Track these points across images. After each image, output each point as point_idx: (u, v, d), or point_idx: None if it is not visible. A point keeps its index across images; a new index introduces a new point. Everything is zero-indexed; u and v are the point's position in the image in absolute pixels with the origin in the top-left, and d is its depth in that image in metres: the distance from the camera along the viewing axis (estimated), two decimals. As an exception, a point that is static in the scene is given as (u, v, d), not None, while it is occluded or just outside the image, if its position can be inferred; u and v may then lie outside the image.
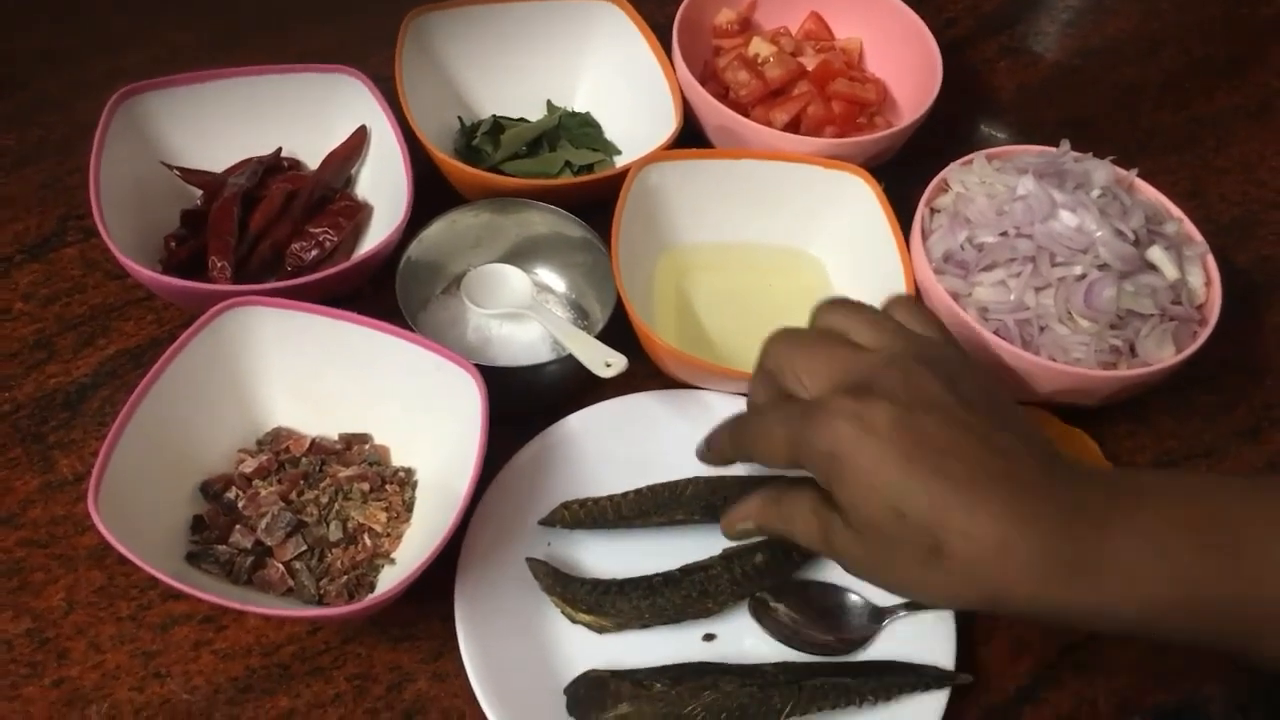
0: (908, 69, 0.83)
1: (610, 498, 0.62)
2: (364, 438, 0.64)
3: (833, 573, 0.62)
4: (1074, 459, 0.47)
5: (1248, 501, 0.45)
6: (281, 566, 0.58)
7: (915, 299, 0.49)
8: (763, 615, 0.60)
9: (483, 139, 0.78)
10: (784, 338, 0.50)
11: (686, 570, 0.60)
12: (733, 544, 0.61)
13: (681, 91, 0.77)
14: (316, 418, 0.64)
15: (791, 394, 0.49)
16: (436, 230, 0.69)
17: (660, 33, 0.80)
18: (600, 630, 0.59)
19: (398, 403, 0.62)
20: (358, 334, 0.60)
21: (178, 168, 0.71)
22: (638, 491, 0.62)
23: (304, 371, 0.62)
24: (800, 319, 0.52)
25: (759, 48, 0.82)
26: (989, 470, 0.44)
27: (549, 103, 0.83)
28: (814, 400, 0.47)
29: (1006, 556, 0.43)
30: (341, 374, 0.62)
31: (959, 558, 0.43)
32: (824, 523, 0.47)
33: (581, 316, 0.71)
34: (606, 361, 0.62)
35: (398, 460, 0.63)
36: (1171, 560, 0.43)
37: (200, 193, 0.72)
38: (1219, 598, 0.43)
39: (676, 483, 0.62)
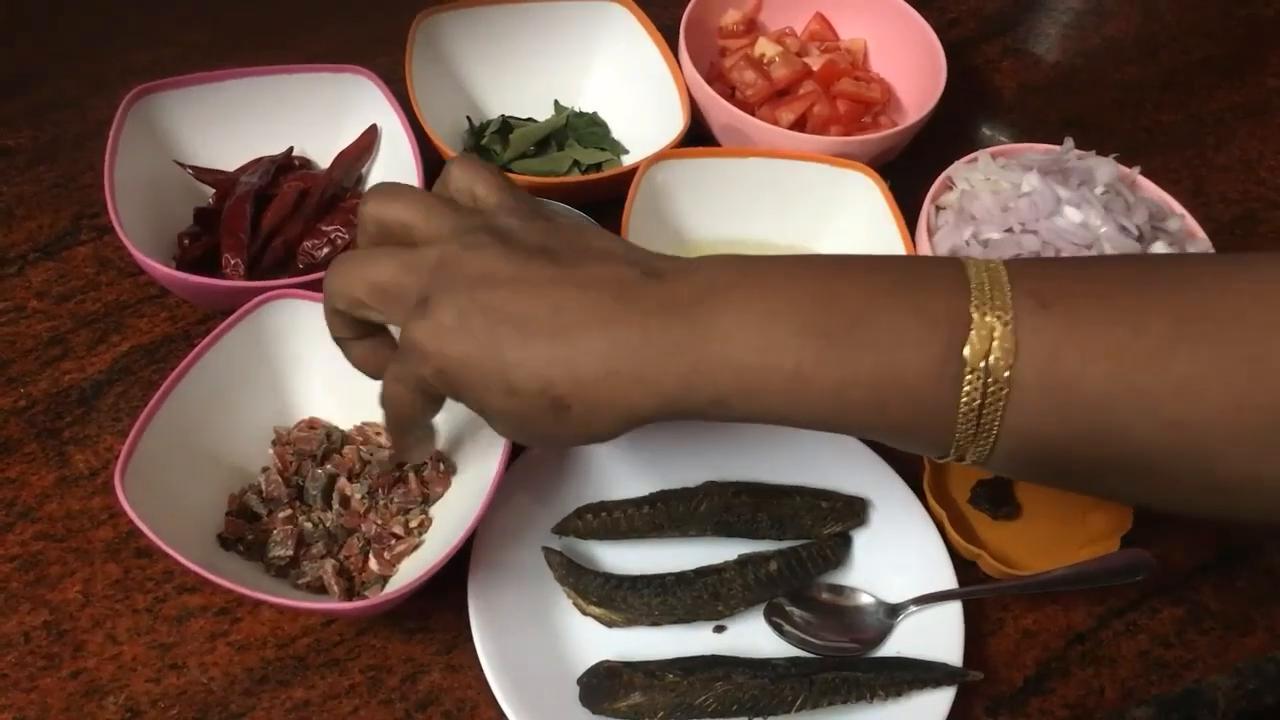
0: (912, 69, 0.84)
1: (624, 510, 0.62)
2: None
3: (845, 575, 0.63)
4: (670, 258, 0.47)
5: (842, 279, 0.45)
6: (322, 577, 0.59)
7: (470, 159, 0.50)
8: (779, 622, 0.61)
9: (492, 138, 0.79)
10: (342, 267, 0.48)
11: (700, 572, 0.61)
12: (748, 550, 0.62)
13: (689, 91, 0.78)
14: (345, 410, 0.64)
15: (370, 320, 0.49)
16: (447, 228, 0.69)
17: (667, 33, 0.81)
18: (609, 624, 0.60)
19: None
20: None
21: (191, 166, 0.72)
22: (651, 505, 0.62)
23: (336, 366, 0.62)
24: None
25: (765, 48, 0.83)
26: (570, 312, 0.44)
27: (556, 103, 0.84)
28: (402, 342, 0.46)
29: (623, 377, 0.43)
30: None
31: (579, 403, 0.44)
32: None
33: (591, 313, 0.72)
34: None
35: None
36: (770, 345, 0.43)
37: (213, 191, 0.72)
38: (824, 377, 0.43)
39: (691, 496, 0.63)
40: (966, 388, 0.42)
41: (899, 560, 0.63)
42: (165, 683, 0.56)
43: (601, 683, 0.57)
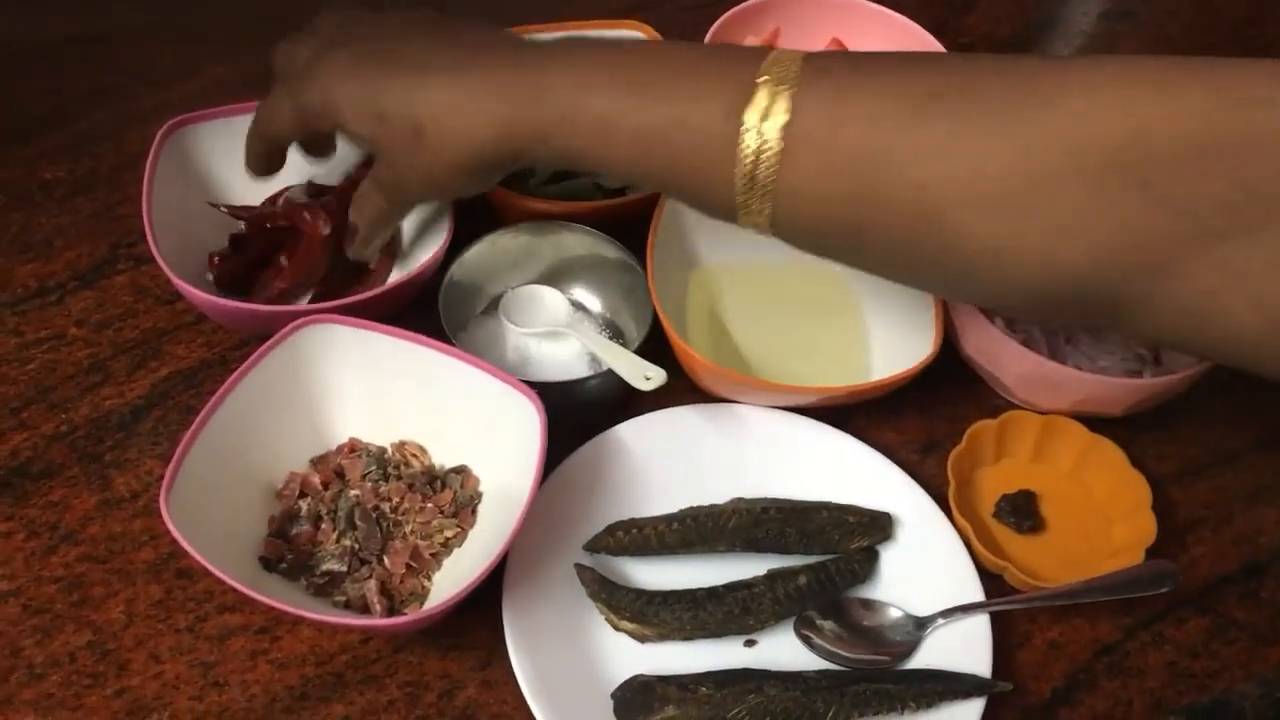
0: (927, 91, 0.85)
1: (655, 527, 0.63)
2: (422, 449, 0.66)
3: (873, 589, 0.64)
4: (522, 40, 0.58)
5: (655, 53, 0.54)
6: (368, 592, 0.60)
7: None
8: (808, 635, 0.62)
9: (518, 165, 0.80)
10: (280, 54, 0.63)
11: (730, 587, 0.62)
12: (777, 565, 0.63)
13: (709, 116, 0.79)
14: (383, 431, 0.66)
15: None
16: (476, 252, 0.71)
17: (686, 60, 0.82)
18: (642, 640, 0.61)
19: (458, 421, 0.64)
20: (425, 355, 0.62)
21: (225, 205, 0.73)
22: (681, 522, 0.63)
23: (372, 389, 0.64)
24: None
25: (782, 73, 0.85)
26: (434, 56, 0.56)
27: (579, 130, 0.85)
28: (299, 70, 0.59)
29: (468, 108, 0.54)
30: (407, 392, 0.64)
31: (433, 131, 0.55)
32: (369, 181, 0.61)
33: (617, 335, 0.73)
34: (646, 375, 0.63)
35: (454, 476, 0.65)
36: (584, 91, 0.52)
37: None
38: (625, 122, 0.51)
39: (720, 513, 0.64)
40: (744, 142, 0.48)
41: (926, 574, 0.64)
42: (208, 700, 0.58)
43: (636, 697, 0.57)
